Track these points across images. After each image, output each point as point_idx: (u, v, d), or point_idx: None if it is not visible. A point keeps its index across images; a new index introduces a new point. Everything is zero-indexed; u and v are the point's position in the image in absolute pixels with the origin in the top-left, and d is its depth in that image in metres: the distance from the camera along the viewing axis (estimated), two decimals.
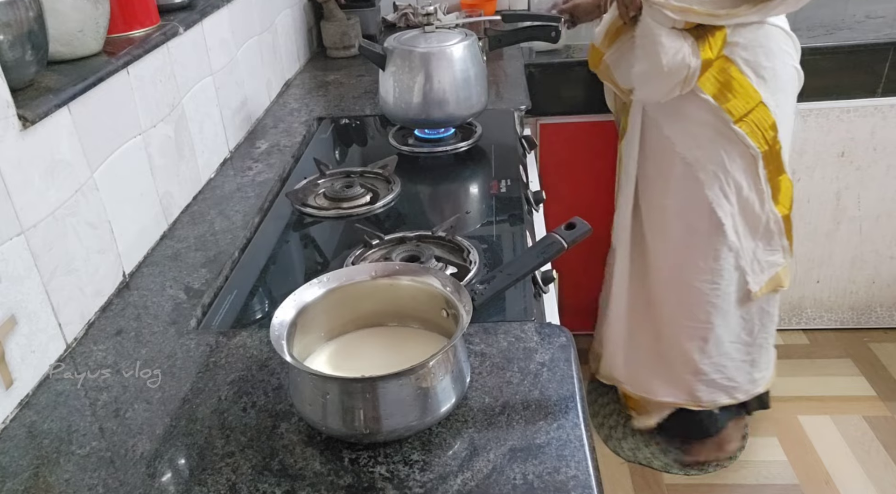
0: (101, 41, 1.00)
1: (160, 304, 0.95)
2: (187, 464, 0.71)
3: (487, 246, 1.06)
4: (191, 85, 1.23)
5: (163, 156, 1.12)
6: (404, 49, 1.33)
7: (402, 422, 0.68)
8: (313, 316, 0.76)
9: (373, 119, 1.59)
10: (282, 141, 1.46)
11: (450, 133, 1.44)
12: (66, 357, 0.86)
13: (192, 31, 1.22)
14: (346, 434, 0.70)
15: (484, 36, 1.38)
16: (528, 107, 1.58)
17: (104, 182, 0.96)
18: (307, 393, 0.70)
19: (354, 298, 0.79)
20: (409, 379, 0.67)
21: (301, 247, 1.14)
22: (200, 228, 1.14)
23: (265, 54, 1.62)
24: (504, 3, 2.25)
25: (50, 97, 0.84)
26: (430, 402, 0.69)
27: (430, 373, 0.68)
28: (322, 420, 0.69)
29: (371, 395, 0.67)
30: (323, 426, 0.70)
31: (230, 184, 1.29)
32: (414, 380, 0.67)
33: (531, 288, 0.98)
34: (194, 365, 0.84)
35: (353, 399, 0.67)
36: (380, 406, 0.67)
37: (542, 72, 1.84)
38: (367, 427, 0.68)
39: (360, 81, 1.80)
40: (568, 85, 1.86)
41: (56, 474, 0.70)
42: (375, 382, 0.66)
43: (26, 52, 0.82)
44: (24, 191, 0.80)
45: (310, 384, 0.69)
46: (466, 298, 0.73)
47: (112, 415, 0.77)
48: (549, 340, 0.84)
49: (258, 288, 1.02)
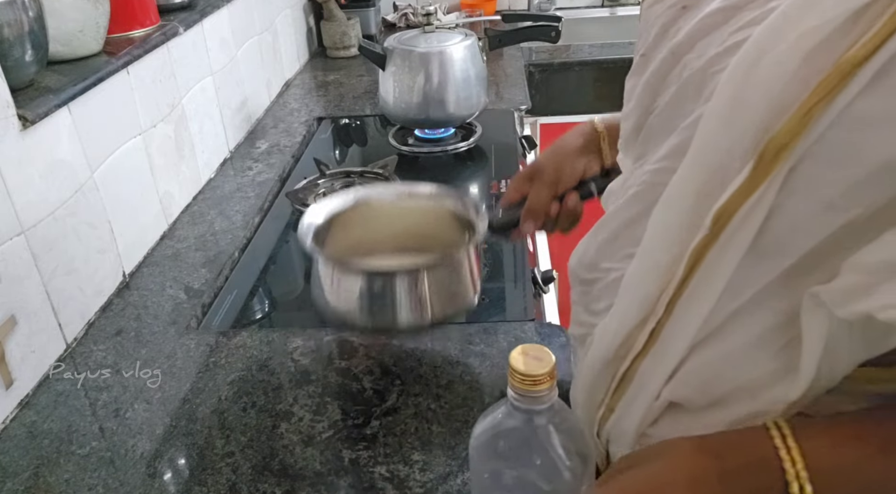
0: (101, 41, 1.00)
1: (160, 304, 0.95)
2: (187, 464, 0.71)
3: (487, 246, 1.06)
4: (191, 85, 1.23)
5: (163, 156, 1.12)
6: (404, 49, 1.33)
7: (418, 317, 0.74)
8: (336, 226, 0.82)
9: (373, 119, 1.59)
10: (282, 141, 1.46)
11: (450, 133, 1.44)
12: (66, 357, 0.86)
13: (192, 31, 1.22)
14: (376, 327, 0.76)
15: (484, 36, 1.38)
16: (528, 107, 1.58)
17: (104, 182, 0.96)
18: (326, 285, 0.76)
19: (376, 218, 0.84)
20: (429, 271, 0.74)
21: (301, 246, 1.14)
22: (200, 228, 1.14)
23: (265, 54, 1.62)
24: (504, 3, 2.25)
25: (50, 97, 0.84)
26: (442, 299, 0.75)
27: (452, 267, 0.76)
28: (353, 314, 0.74)
29: (390, 287, 0.73)
30: (356, 320, 0.75)
31: (230, 184, 1.29)
32: (434, 273, 0.74)
33: (531, 287, 0.98)
34: (194, 365, 0.84)
35: (381, 289, 0.74)
36: (415, 295, 0.74)
37: (542, 72, 1.84)
38: (398, 316, 0.74)
39: (360, 81, 1.80)
40: (568, 85, 1.86)
41: (56, 474, 0.71)
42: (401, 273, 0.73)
43: (26, 52, 0.82)
44: (24, 191, 0.80)
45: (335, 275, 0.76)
46: (479, 208, 0.81)
47: (112, 415, 0.77)
48: (549, 340, 0.84)
49: (258, 288, 1.02)
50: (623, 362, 0.55)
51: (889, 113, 0.38)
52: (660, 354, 0.52)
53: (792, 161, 0.41)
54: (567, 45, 1.89)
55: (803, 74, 0.41)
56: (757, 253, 0.45)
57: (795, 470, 0.43)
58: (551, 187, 0.80)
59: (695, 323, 0.49)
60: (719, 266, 0.46)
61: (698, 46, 0.51)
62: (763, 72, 0.43)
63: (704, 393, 0.50)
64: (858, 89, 0.39)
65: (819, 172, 0.41)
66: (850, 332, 0.41)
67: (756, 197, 0.43)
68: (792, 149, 0.41)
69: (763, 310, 0.46)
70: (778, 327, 0.46)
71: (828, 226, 0.41)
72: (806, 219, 0.42)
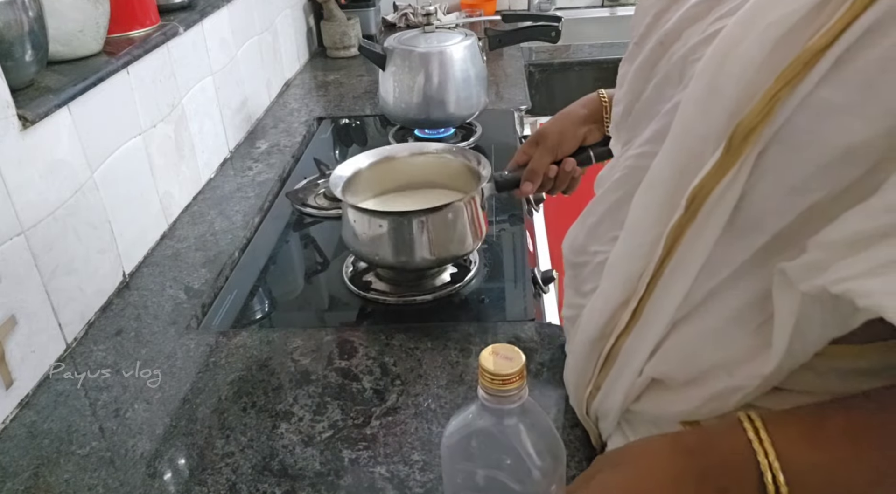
0: (101, 41, 1.00)
1: (160, 304, 0.95)
2: (187, 464, 0.71)
3: (487, 246, 1.06)
4: (191, 85, 1.23)
5: (163, 156, 1.12)
6: (404, 49, 1.33)
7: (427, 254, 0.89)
8: (361, 180, 0.98)
9: (373, 119, 1.59)
10: (282, 141, 1.46)
11: (450, 133, 1.44)
12: (66, 357, 0.86)
13: (192, 31, 1.22)
14: (394, 263, 0.90)
15: (484, 36, 1.38)
16: (528, 107, 1.58)
17: (104, 182, 0.96)
18: (361, 229, 0.90)
19: (395, 170, 1.01)
20: (440, 214, 0.87)
21: (301, 246, 1.14)
22: (200, 228, 1.14)
23: (265, 54, 1.62)
24: (504, 3, 2.25)
25: (50, 97, 0.84)
26: (446, 240, 0.89)
27: (459, 211, 0.88)
28: (373, 253, 0.90)
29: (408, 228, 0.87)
30: (375, 256, 0.90)
31: (230, 184, 1.29)
32: (447, 215, 0.88)
33: (531, 287, 0.98)
34: (194, 365, 0.84)
35: (402, 230, 0.88)
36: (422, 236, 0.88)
37: (542, 72, 1.84)
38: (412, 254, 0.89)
39: (360, 81, 1.80)
40: (568, 85, 1.86)
41: (56, 474, 0.70)
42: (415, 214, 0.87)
43: (26, 52, 0.82)
44: (24, 191, 0.80)
45: (364, 220, 0.90)
46: (485, 162, 0.94)
47: (112, 415, 0.77)
48: (549, 340, 0.84)
49: (258, 288, 1.02)
50: (608, 340, 0.57)
51: (847, 99, 0.40)
52: (642, 332, 0.54)
53: (760, 145, 0.43)
54: (567, 45, 1.89)
55: (771, 62, 0.42)
56: (732, 233, 0.47)
57: (768, 461, 0.44)
58: (552, 151, 0.88)
59: (674, 301, 0.51)
60: (696, 245, 0.48)
61: (684, 35, 0.53)
62: (735, 60, 0.45)
63: (684, 370, 0.52)
64: (819, 77, 0.40)
65: (786, 156, 0.43)
66: (822, 310, 0.43)
67: (728, 178, 0.45)
68: (759, 134, 0.43)
69: (739, 289, 0.48)
70: (754, 305, 0.48)
71: (796, 207, 0.43)
72: (776, 200, 0.44)
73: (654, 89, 0.57)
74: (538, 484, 0.47)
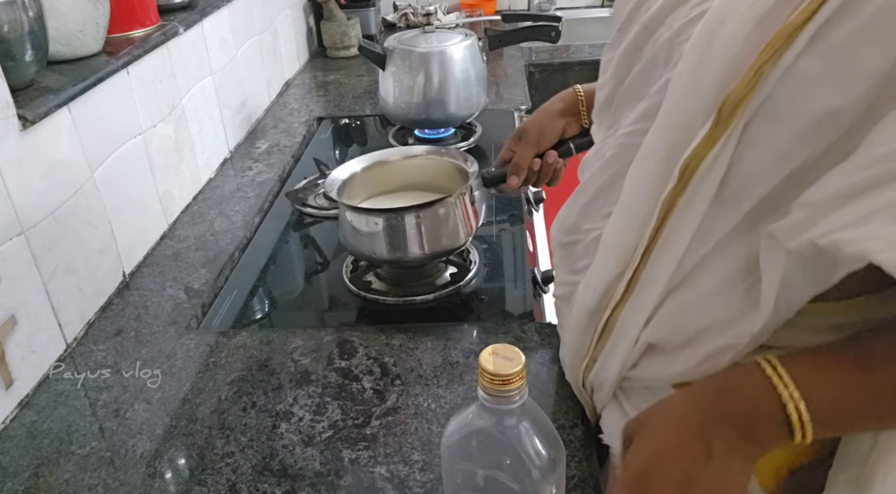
0: (101, 41, 1.00)
1: (160, 304, 0.95)
2: (187, 464, 0.71)
3: (487, 246, 1.06)
4: (191, 85, 1.23)
5: (163, 156, 1.12)
6: (404, 49, 1.33)
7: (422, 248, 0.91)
8: (356, 183, 1.01)
9: (373, 119, 1.59)
10: (282, 141, 1.46)
11: (450, 133, 1.44)
12: (66, 357, 0.86)
13: (192, 31, 1.22)
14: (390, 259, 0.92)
15: (484, 36, 1.38)
16: (528, 107, 1.58)
17: (104, 182, 0.96)
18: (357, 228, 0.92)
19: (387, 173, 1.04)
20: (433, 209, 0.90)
21: (301, 246, 1.14)
22: (200, 228, 1.14)
23: (265, 54, 1.62)
24: (504, 3, 2.25)
25: (50, 97, 0.84)
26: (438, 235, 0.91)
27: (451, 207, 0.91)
28: (370, 250, 0.92)
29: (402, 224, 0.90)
30: (372, 254, 0.92)
31: (230, 184, 1.29)
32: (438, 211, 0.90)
33: (531, 287, 0.98)
34: (194, 365, 0.84)
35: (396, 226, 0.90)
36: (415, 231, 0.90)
37: (542, 72, 1.84)
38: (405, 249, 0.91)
39: (360, 81, 1.80)
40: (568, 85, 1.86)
41: (56, 474, 0.70)
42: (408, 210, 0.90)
43: (26, 52, 0.82)
44: (24, 191, 0.80)
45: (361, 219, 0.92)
46: (472, 160, 0.97)
47: (112, 415, 0.77)
48: (549, 340, 0.84)
49: (258, 288, 1.02)
50: (604, 312, 0.59)
51: (825, 70, 0.43)
52: (637, 301, 0.56)
53: (747, 116, 0.47)
54: (567, 45, 1.89)
55: (755, 38, 0.46)
56: (721, 202, 0.50)
57: (789, 392, 0.46)
58: (534, 145, 0.92)
59: (668, 269, 0.53)
60: (688, 215, 0.51)
61: (668, 20, 0.56)
62: (722, 38, 0.48)
63: (678, 334, 0.55)
64: (799, 50, 0.44)
65: (770, 126, 0.46)
66: (804, 268, 0.46)
67: (717, 149, 0.48)
68: (746, 105, 0.46)
69: (728, 255, 0.51)
70: (743, 270, 0.51)
71: (780, 173, 0.46)
72: (762, 168, 0.47)
73: (639, 72, 0.59)
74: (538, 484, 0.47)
